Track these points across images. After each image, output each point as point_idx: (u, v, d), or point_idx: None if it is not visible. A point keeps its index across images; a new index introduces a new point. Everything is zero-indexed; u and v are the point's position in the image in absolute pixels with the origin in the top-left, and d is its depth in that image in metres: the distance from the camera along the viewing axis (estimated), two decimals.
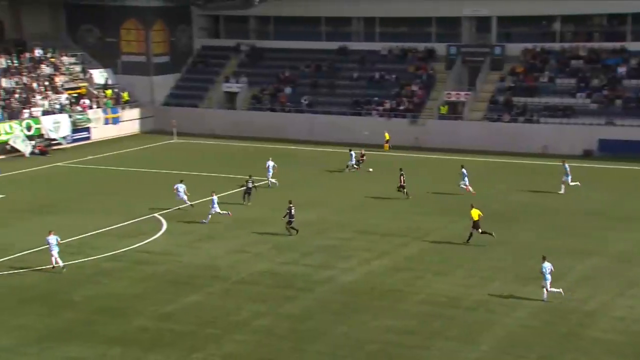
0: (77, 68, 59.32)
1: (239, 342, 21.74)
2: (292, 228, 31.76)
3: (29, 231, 32.42)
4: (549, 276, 24.26)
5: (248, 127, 57.34)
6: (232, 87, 60.41)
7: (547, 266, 24.33)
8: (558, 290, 24.43)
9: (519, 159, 47.88)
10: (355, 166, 44.12)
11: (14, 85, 52.83)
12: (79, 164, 47.58)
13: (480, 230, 30.10)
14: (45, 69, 56.17)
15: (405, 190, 37.76)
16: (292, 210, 31.87)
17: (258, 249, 30.24)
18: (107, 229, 32.80)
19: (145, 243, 30.91)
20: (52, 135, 51.87)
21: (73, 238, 31.28)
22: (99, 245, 30.51)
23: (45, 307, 23.88)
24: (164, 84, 61.90)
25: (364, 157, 45.13)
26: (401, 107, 55.50)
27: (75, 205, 36.59)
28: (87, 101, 56.13)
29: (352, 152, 44.50)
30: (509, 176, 42.81)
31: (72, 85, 57.51)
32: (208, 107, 60.11)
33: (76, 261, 28.42)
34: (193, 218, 34.49)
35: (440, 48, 57.89)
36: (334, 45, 61.63)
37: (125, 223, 33.70)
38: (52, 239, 27.62)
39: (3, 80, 52.37)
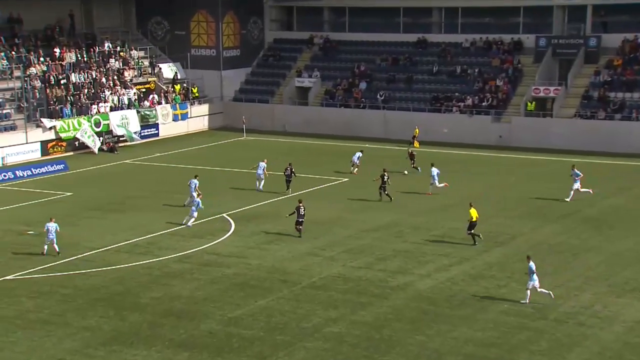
0: (146, 62, 60.77)
1: (310, 350, 21.79)
2: (299, 229, 31.69)
3: (96, 230, 33.37)
4: (535, 277, 24.25)
5: (320, 124, 57.51)
6: (305, 81, 60.73)
7: (533, 266, 24.49)
8: (548, 291, 24.39)
9: (614, 159, 46.41)
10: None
11: (83, 80, 54.53)
12: (147, 162, 48.70)
13: (472, 232, 30.21)
14: (115, 64, 57.77)
15: (386, 192, 37.07)
16: (302, 210, 31.85)
17: (330, 252, 30.26)
18: (175, 229, 33.43)
19: (214, 244, 31.34)
20: (120, 132, 53.32)
21: (141, 238, 32.03)
22: (167, 246, 31.12)
23: (111, 309, 24.48)
24: (234, 78, 62.73)
25: (414, 155, 43.73)
26: (484, 104, 54.61)
27: (142, 204, 37.47)
28: (155, 97, 57.42)
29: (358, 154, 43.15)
30: (604, 178, 41.54)
31: (141, 80, 58.97)
32: (279, 103, 60.62)
33: (144, 262, 29.08)
34: (264, 219, 34.84)
35: (528, 40, 56.64)
36: (412, 37, 61.14)
37: (193, 223, 34.29)
38: (52, 226, 29.02)
39: (72, 75, 54.12)
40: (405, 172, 42.96)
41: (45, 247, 29.54)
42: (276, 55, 64.25)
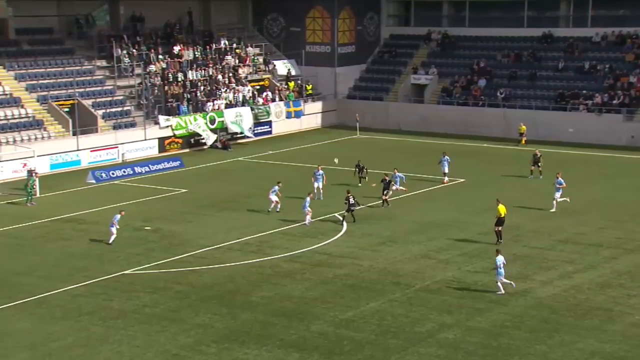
0: (261, 59, 61.93)
1: (423, 355, 21.55)
2: (352, 216, 33.56)
3: (209, 227, 34.27)
4: (502, 270, 25.38)
5: (436, 123, 56.85)
6: (421, 78, 60.19)
7: (500, 259, 25.43)
8: (509, 282, 25.54)
9: None
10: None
11: (199, 77, 56.21)
12: (260, 159, 49.62)
13: (499, 229, 30.43)
14: (230, 61, 59.20)
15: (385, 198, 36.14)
16: (351, 199, 33.62)
17: (444, 255, 29.85)
18: (287, 227, 33.87)
19: (325, 244, 31.53)
20: (234, 129, 54.58)
21: (252, 236, 32.64)
22: (278, 245, 31.56)
23: (223, 307, 25.04)
24: (348, 75, 62.96)
25: (539, 157, 42.14)
26: (615, 101, 52.39)
27: (255, 202, 38.19)
28: (269, 94, 58.44)
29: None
30: None
31: (256, 77, 60.15)
32: (394, 101, 60.36)
33: (255, 260, 29.64)
34: (376, 220, 34.77)
35: None
36: (537, 31, 59.44)
37: (304, 223, 34.64)
38: (118, 217, 31.27)
39: (189, 72, 55.87)
40: (531, 176, 41.79)
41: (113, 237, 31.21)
42: (392, 52, 64.01)
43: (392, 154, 49.73)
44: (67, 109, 48.68)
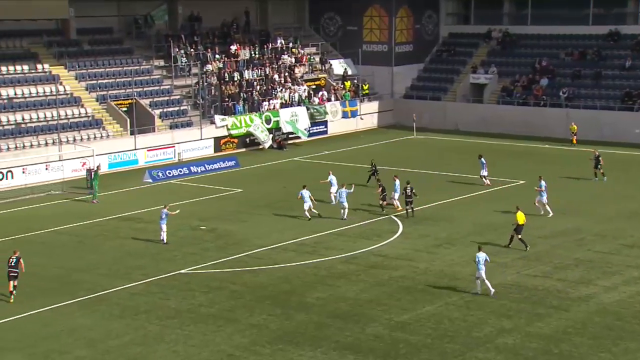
0: (317, 58, 62.14)
1: None
2: (411, 209, 34.32)
3: (264, 227, 34.53)
4: (482, 266, 25.25)
5: (496, 123, 56.19)
6: (480, 78, 59.59)
7: (482, 256, 25.45)
8: (489, 285, 25.32)
9: None
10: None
11: (255, 76, 56.69)
12: (315, 159, 49.77)
13: (519, 236, 30.03)
14: (287, 60, 59.56)
15: (384, 202, 35.68)
16: (409, 191, 34.45)
17: (503, 258, 29.51)
18: (343, 228, 33.91)
19: (381, 245, 31.49)
20: (289, 129, 54.86)
21: (307, 237, 32.78)
22: (334, 246, 31.63)
23: (278, 307, 25.22)
24: (406, 74, 62.70)
25: (600, 158, 41.27)
26: None
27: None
28: (325, 93, 58.58)
29: (483, 160, 40.55)
30: None
31: (312, 76, 60.39)
32: (452, 100, 59.90)
33: (310, 261, 29.77)
34: (433, 221, 34.59)
35: None
36: (602, 29, 58.26)
37: (361, 223, 34.61)
38: (164, 214, 31.61)
39: (246, 71, 56.38)
40: (595, 178, 41.02)
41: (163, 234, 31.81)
42: (451, 51, 63.52)
43: (449, 155, 49.36)
44: (125, 109, 49.65)
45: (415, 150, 51.18)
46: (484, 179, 40.53)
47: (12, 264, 26.37)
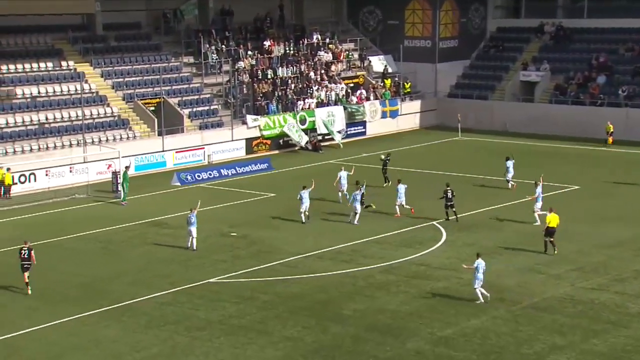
0: (356, 55, 62.19)
1: None
2: (453, 213, 34.70)
3: (298, 234, 34.67)
4: (481, 275, 25.54)
5: (547, 123, 55.75)
6: (531, 75, 59.16)
7: (481, 264, 25.63)
8: (486, 293, 25.62)
9: None
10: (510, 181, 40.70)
11: (290, 74, 56.93)
12: (352, 162, 49.79)
13: (551, 239, 30.11)
14: (323, 57, 59.70)
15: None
16: (449, 194, 34.48)
17: (555, 269, 29.27)
18: (382, 235, 33.93)
19: (423, 254, 31.44)
20: (325, 130, 54.93)
21: (345, 244, 32.83)
22: (372, 254, 31.65)
23: (313, 319, 25.29)
24: (450, 72, 62.49)
25: None
26: None
27: (345, 207, 38.42)
28: (363, 92, 58.62)
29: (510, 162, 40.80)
30: None
31: (349, 74, 60.46)
32: (499, 99, 59.53)
33: (347, 270, 29.81)
34: (478, 228, 34.42)
35: None
36: None
37: (401, 230, 34.59)
38: (194, 217, 31.92)
39: (279, 68, 56.62)
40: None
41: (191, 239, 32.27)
42: (499, 46, 63.14)
43: (496, 158, 49.03)
44: (152, 108, 50.22)
45: (460, 153, 50.96)
46: (509, 183, 40.26)
47: (25, 255, 27.81)
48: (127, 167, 41.54)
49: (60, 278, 29.07)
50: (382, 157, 43.17)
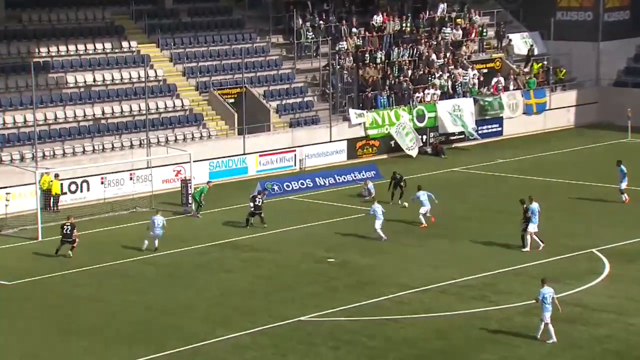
0: (492, 32, 61.60)
1: None
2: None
3: (412, 261, 34.52)
4: (549, 306, 26.07)
5: None
6: None
7: (549, 293, 26.41)
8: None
9: None
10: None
11: (406, 57, 56.74)
12: (483, 170, 49.28)
13: None
14: (449, 34, 59.37)
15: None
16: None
17: None
18: (521, 266, 33.47)
19: (578, 291, 30.89)
20: (451, 128, 54.53)
21: (473, 276, 32.50)
22: (509, 289, 31.28)
23: None
24: (618, 53, 61.20)
25: None
26: None
27: (475, 229, 37.97)
28: (501, 80, 57.96)
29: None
30: None
31: (483, 56, 59.89)
32: None
33: (476, 310, 29.43)
34: None
35: None
36: None
37: (546, 260, 34.04)
38: (159, 220, 35.13)
39: (393, 50, 56.29)
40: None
41: (146, 242, 35.16)
42: None
43: None
44: (232, 100, 50.89)
45: (630, 159, 49.57)
46: (622, 195, 39.99)
47: (67, 231, 32.69)
48: (209, 183, 42.14)
49: (117, 311, 29.75)
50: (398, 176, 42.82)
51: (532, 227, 35.30)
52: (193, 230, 39.23)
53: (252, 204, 39.19)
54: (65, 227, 34.31)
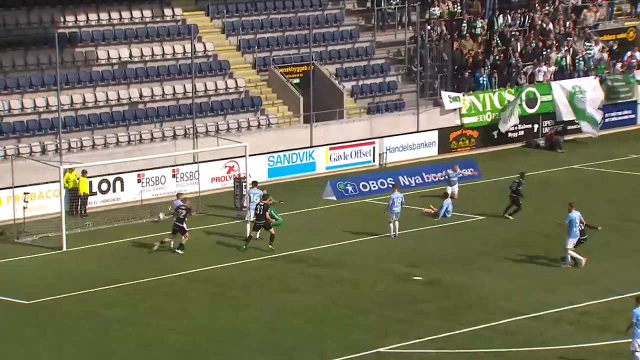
0: None
1: None
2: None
3: (520, 282, 34.35)
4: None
5: None
6: None
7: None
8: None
9: None
10: None
11: (513, 26, 56.27)
12: (611, 168, 48.88)
13: None
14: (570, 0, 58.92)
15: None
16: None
17: None
18: None
19: None
20: (570, 116, 53.97)
21: (597, 301, 32.26)
22: None
23: None
24: None
25: None
26: None
27: (604, 240, 37.64)
28: (636, 55, 57.28)
29: None
30: None
31: (613, 25, 59.24)
32: None
33: (600, 343, 29.04)
34: None
35: None
36: None
37: None
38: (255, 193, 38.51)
39: (497, 18, 56.09)
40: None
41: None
42: None
43: None
44: (297, 80, 50.97)
45: None
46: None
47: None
48: (279, 202, 41.62)
49: (154, 336, 29.93)
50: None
51: (571, 243, 35.22)
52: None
53: (252, 213, 38.66)
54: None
